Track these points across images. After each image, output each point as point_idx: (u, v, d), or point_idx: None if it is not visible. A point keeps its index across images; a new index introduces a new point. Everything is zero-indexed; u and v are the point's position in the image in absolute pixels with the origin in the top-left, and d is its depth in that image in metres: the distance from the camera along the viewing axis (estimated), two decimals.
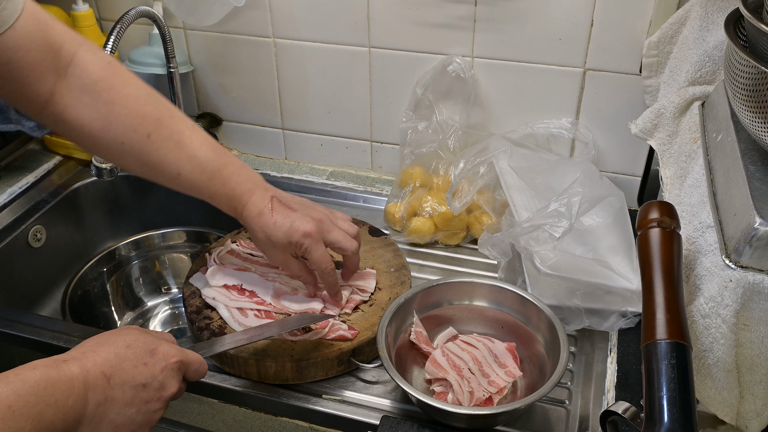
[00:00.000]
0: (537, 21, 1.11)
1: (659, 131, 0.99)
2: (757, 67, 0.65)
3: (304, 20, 1.23)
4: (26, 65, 0.75)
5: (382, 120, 1.30)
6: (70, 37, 0.80)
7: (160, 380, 0.70)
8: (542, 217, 0.93)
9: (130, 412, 0.67)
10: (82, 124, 0.80)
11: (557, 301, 0.93)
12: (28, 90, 0.77)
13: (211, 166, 0.85)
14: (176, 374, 0.72)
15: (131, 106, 0.80)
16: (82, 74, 0.79)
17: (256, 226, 0.87)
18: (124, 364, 0.68)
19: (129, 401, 0.67)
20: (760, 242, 0.64)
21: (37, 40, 0.75)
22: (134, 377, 0.68)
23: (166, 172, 0.83)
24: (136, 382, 0.68)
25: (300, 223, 0.87)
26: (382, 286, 1.01)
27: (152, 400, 0.69)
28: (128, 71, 0.84)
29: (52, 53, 0.77)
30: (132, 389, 0.67)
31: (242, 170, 0.88)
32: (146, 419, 0.69)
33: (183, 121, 0.85)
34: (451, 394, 0.84)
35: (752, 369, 0.71)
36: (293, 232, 0.86)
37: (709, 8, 0.94)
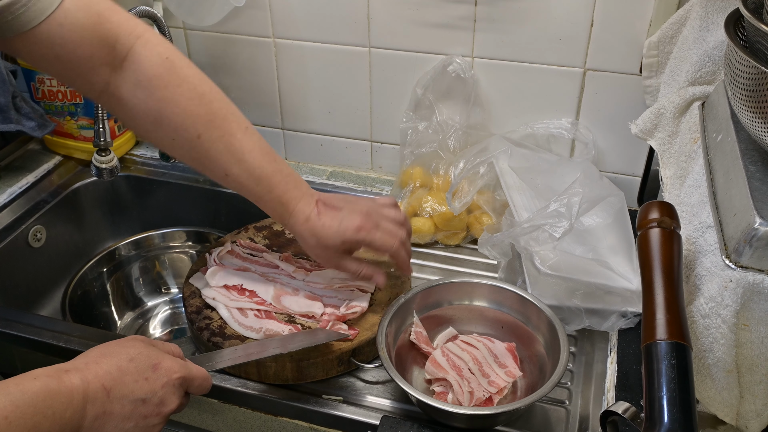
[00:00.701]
0: (537, 21, 1.11)
1: (659, 131, 0.99)
2: (757, 67, 0.65)
3: (304, 20, 1.23)
4: (77, 58, 0.75)
5: (382, 120, 1.30)
6: (127, 30, 0.78)
7: (161, 396, 0.70)
8: (542, 217, 0.93)
9: (128, 427, 0.67)
10: (136, 117, 0.81)
11: (557, 301, 0.93)
12: (82, 79, 0.78)
13: (258, 171, 0.85)
14: (177, 390, 0.72)
15: (183, 106, 0.80)
16: (137, 69, 0.78)
17: (306, 232, 0.87)
18: (125, 378, 0.68)
19: (127, 415, 0.67)
20: (760, 242, 0.64)
21: (88, 34, 0.74)
22: (134, 392, 0.68)
23: (215, 172, 0.84)
24: (136, 397, 0.68)
25: (349, 220, 0.87)
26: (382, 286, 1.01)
27: (151, 416, 0.69)
28: (188, 66, 0.82)
29: (106, 47, 0.77)
30: (131, 403, 0.67)
31: (290, 178, 0.88)
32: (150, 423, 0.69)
33: (237, 123, 0.84)
34: (451, 394, 0.84)
35: (752, 369, 0.71)
36: (344, 230, 0.87)
37: (709, 8, 0.94)
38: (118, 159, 1.22)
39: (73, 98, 1.33)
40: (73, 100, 1.33)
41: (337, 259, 0.90)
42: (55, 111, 1.35)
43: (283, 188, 0.86)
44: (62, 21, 0.72)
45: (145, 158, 1.44)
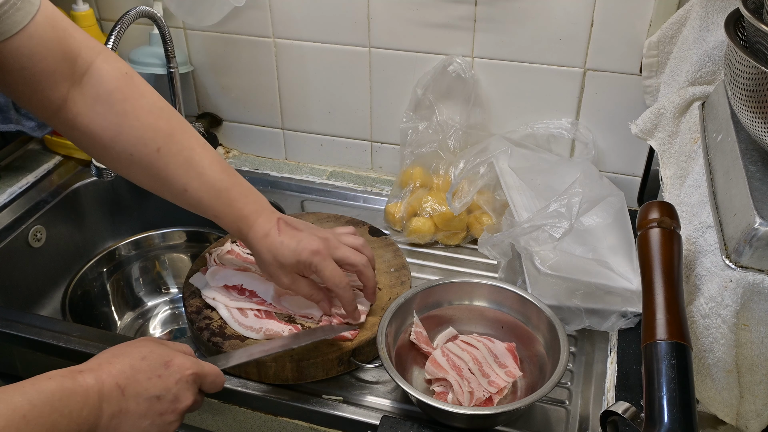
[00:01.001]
0: (537, 21, 1.11)
1: (659, 131, 0.99)
2: (757, 68, 0.65)
3: (304, 20, 1.23)
4: (41, 71, 0.75)
5: (382, 120, 1.30)
6: (89, 46, 0.79)
7: (175, 392, 0.70)
8: (542, 217, 0.93)
9: (145, 424, 0.68)
10: (93, 133, 0.80)
11: (557, 302, 0.93)
12: (41, 95, 0.77)
13: (218, 185, 0.85)
14: (191, 386, 0.72)
15: (143, 119, 0.80)
16: (97, 84, 0.79)
17: (263, 247, 0.87)
18: (139, 376, 0.68)
19: (143, 413, 0.68)
20: (760, 242, 0.64)
21: (53, 47, 0.75)
22: (148, 389, 0.68)
23: (173, 187, 0.83)
24: (150, 394, 0.68)
25: (307, 242, 0.86)
26: (382, 286, 1.01)
27: (167, 413, 0.70)
28: (145, 84, 0.83)
29: (68, 61, 0.77)
30: (146, 401, 0.68)
31: (250, 192, 0.88)
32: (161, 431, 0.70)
33: (195, 138, 0.85)
34: (451, 394, 0.84)
35: (752, 369, 0.71)
36: (301, 250, 0.85)
37: (709, 8, 0.94)
38: None
39: None
40: None
41: (290, 280, 0.88)
42: None
43: (243, 202, 0.86)
44: (32, 33, 0.73)
45: None
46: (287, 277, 0.88)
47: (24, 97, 0.77)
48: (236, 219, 0.86)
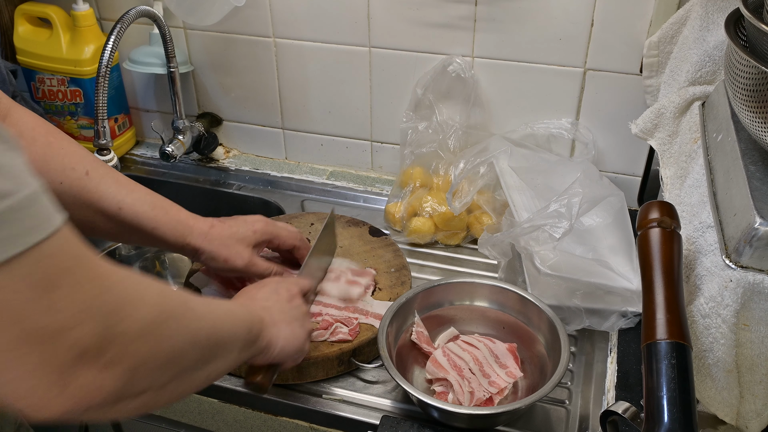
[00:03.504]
0: (537, 21, 1.11)
1: (659, 131, 0.99)
2: (757, 67, 0.65)
3: (304, 20, 1.23)
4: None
5: (383, 120, 1.30)
6: (6, 97, 0.81)
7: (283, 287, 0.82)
8: (542, 217, 0.93)
9: (286, 308, 0.79)
10: None
11: (557, 302, 0.93)
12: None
13: (150, 197, 0.86)
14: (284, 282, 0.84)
15: (68, 148, 0.81)
16: (19, 122, 0.80)
17: (213, 237, 0.89)
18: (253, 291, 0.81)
19: (276, 303, 0.78)
20: (760, 242, 0.64)
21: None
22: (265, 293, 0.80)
23: (108, 207, 0.83)
24: (269, 293, 0.80)
25: (251, 217, 0.94)
26: (382, 286, 1.01)
27: (291, 299, 0.81)
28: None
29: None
30: (270, 295, 0.79)
31: (174, 204, 0.90)
32: (300, 312, 0.81)
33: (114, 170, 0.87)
34: (452, 394, 0.84)
35: (752, 369, 0.71)
36: (252, 223, 0.93)
37: (709, 8, 0.94)
38: (119, 158, 1.22)
39: (73, 98, 1.33)
40: (74, 100, 1.33)
41: (249, 255, 0.92)
42: (55, 111, 1.35)
43: (177, 209, 0.89)
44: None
45: (145, 158, 1.44)
46: (246, 251, 0.92)
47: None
48: (176, 224, 0.88)
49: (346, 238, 1.12)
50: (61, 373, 0.43)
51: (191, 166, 1.41)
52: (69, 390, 0.44)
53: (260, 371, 0.77)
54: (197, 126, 1.36)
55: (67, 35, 1.29)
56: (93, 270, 0.46)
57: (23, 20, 1.31)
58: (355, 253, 1.08)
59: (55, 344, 0.43)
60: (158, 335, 0.50)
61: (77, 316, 0.44)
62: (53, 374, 0.43)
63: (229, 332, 0.63)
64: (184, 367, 0.54)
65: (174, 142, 1.32)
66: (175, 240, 0.88)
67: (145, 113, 1.46)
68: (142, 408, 0.51)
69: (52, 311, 0.43)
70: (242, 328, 0.67)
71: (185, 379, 0.56)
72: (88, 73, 1.30)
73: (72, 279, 0.44)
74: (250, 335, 0.68)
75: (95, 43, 1.29)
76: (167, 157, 1.31)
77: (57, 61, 1.30)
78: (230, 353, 0.64)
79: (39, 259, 0.42)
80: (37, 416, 0.44)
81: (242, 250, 0.91)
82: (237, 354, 0.66)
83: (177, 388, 0.55)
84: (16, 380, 0.42)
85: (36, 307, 0.42)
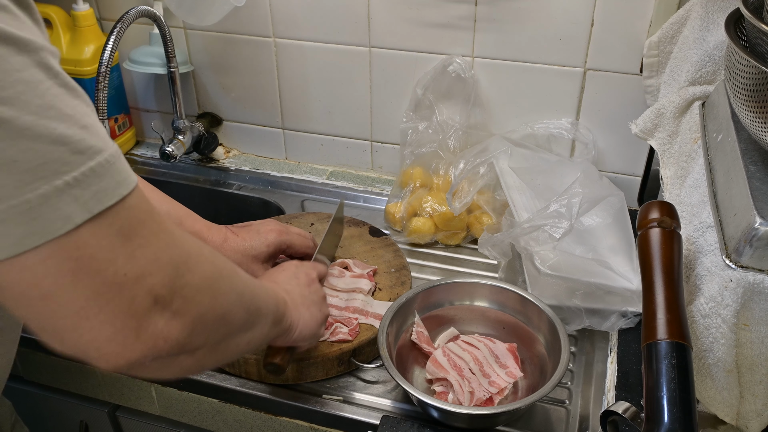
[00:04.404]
0: (537, 21, 1.11)
1: (659, 131, 0.99)
2: (757, 67, 0.65)
3: (305, 20, 1.23)
4: None
5: (383, 120, 1.30)
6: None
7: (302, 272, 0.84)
8: (542, 217, 0.93)
9: (306, 292, 0.80)
10: None
11: (557, 302, 0.93)
12: None
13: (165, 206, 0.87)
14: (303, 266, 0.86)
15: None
16: None
17: (227, 251, 0.90)
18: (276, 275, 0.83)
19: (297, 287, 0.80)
20: (760, 242, 0.64)
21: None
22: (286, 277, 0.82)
23: None
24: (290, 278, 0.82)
25: (265, 228, 0.94)
26: (382, 286, 1.01)
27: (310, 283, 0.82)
28: None
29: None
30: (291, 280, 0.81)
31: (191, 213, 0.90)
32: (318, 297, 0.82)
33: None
34: (452, 394, 0.84)
35: (752, 369, 0.71)
36: (265, 235, 0.93)
37: (709, 8, 0.94)
38: None
39: None
40: None
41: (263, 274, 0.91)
42: None
43: (192, 219, 0.89)
44: None
45: (145, 158, 1.44)
46: (261, 270, 0.92)
47: None
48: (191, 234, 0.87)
49: (346, 238, 1.12)
50: (139, 318, 0.46)
51: (191, 166, 1.41)
52: (144, 336, 0.46)
53: (279, 353, 0.79)
54: (197, 126, 1.36)
55: (67, 35, 1.29)
56: (162, 224, 0.49)
57: None
58: (355, 253, 1.08)
59: (134, 291, 0.45)
60: (216, 289, 0.53)
61: (153, 264, 0.47)
62: (132, 320, 0.45)
63: (265, 302, 0.66)
64: (232, 327, 0.57)
65: (174, 142, 1.32)
66: None
67: (145, 113, 1.46)
68: (195, 366, 0.53)
69: (132, 259, 0.45)
70: (273, 303, 0.69)
71: (231, 342, 0.58)
72: (88, 73, 1.30)
73: (147, 230, 0.47)
74: (278, 312, 0.70)
75: (95, 43, 1.29)
76: (167, 157, 1.31)
77: None
78: (265, 324, 0.66)
79: (121, 211, 0.45)
80: (112, 364, 0.46)
81: (257, 269, 0.91)
82: (269, 328, 0.68)
83: (225, 349, 0.57)
84: (97, 328, 0.44)
85: (118, 256, 0.44)
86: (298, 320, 0.76)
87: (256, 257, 0.91)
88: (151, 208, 0.49)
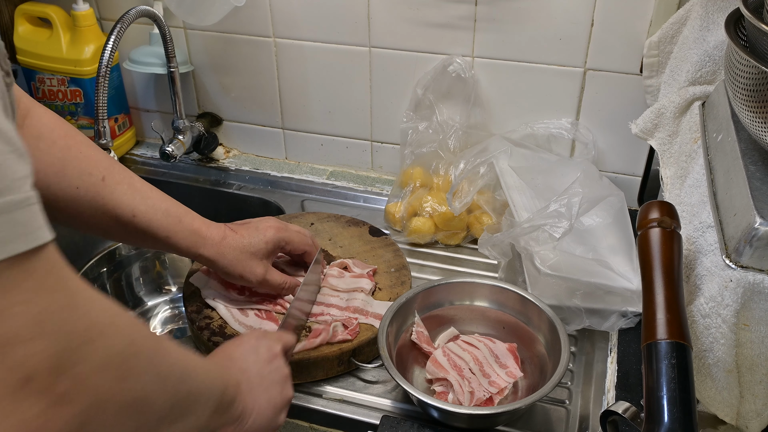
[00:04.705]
0: (537, 21, 1.11)
1: (659, 131, 0.99)
2: (757, 67, 0.65)
3: (305, 20, 1.23)
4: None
5: (383, 120, 1.30)
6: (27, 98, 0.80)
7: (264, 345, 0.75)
8: (542, 217, 0.93)
9: (266, 371, 0.72)
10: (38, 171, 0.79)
11: (557, 301, 0.93)
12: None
13: (164, 205, 0.86)
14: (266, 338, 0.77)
15: (86, 152, 0.81)
16: (39, 124, 0.79)
17: (225, 249, 0.89)
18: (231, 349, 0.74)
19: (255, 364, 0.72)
20: (760, 242, 0.64)
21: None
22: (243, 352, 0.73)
23: (122, 215, 0.83)
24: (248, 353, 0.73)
25: (264, 225, 0.93)
26: (382, 286, 1.01)
27: (271, 359, 0.74)
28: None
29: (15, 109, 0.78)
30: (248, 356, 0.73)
31: (190, 211, 0.89)
32: (280, 375, 0.74)
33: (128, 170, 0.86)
34: (452, 394, 0.84)
35: (752, 369, 0.71)
36: (264, 232, 0.92)
37: (709, 8, 0.94)
38: (119, 158, 1.22)
39: (73, 98, 1.33)
40: (74, 100, 1.33)
41: (263, 269, 0.91)
42: (55, 110, 1.34)
43: (191, 217, 0.88)
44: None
45: (145, 158, 1.44)
46: (260, 266, 0.91)
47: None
48: (189, 233, 0.87)
49: (346, 238, 1.12)
50: (2, 398, 0.35)
51: (191, 166, 1.41)
52: (8, 422, 0.36)
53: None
54: (197, 126, 1.36)
55: (67, 35, 1.29)
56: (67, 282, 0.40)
57: (23, 20, 1.31)
58: (355, 252, 1.08)
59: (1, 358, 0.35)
60: (125, 370, 0.43)
61: (33, 328, 0.37)
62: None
63: (203, 385, 0.56)
64: (148, 417, 0.47)
65: (174, 142, 1.32)
66: (188, 249, 0.88)
67: (145, 113, 1.46)
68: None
69: (5, 318, 0.36)
70: (217, 385, 0.60)
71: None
72: (88, 73, 1.30)
73: (37, 285, 0.38)
74: (224, 398, 0.62)
75: (95, 43, 1.29)
76: (167, 157, 1.31)
77: (57, 61, 1.30)
78: (202, 412, 0.56)
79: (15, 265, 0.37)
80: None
81: (256, 265, 0.91)
82: (209, 416, 0.58)
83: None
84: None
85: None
86: (252, 407, 0.68)
87: (255, 254, 0.91)
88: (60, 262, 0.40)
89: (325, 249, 1.09)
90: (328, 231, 1.14)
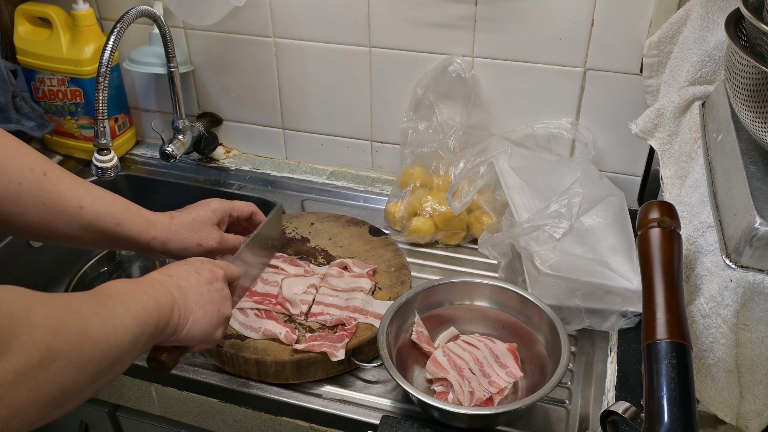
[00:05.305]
0: (537, 21, 1.11)
1: (660, 131, 0.99)
2: (757, 67, 0.65)
3: (305, 20, 1.23)
4: None
5: (383, 120, 1.30)
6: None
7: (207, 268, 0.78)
8: (542, 217, 0.93)
9: (204, 290, 0.75)
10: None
11: (557, 301, 0.93)
12: None
13: (108, 195, 0.86)
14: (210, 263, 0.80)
15: (23, 150, 0.81)
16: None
17: (177, 226, 0.90)
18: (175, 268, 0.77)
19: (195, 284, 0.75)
20: (760, 242, 0.64)
21: None
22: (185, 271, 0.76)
23: (68, 207, 0.82)
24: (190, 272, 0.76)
25: (206, 202, 0.94)
26: (382, 285, 1.01)
27: (212, 281, 0.77)
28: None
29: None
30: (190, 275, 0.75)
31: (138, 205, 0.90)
32: (219, 296, 0.77)
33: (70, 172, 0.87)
34: (452, 394, 0.84)
35: (752, 369, 0.71)
36: (209, 203, 0.94)
37: (709, 8, 0.94)
38: (119, 158, 1.22)
39: (73, 98, 1.33)
40: (74, 100, 1.33)
41: (217, 234, 0.93)
42: (55, 110, 1.35)
43: (136, 206, 0.89)
44: None
45: (145, 158, 1.44)
46: (214, 231, 0.92)
47: None
48: (138, 218, 0.87)
49: (346, 238, 1.12)
50: None
51: (191, 166, 1.41)
52: None
53: (165, 350, 0.74)
54: (197, 126, 1.36)
55: (67, 35, 1.29)
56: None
57: (23, 20, 1.31)
58: (354, 252, 1.08)
59: None
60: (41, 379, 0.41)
61: None
62: None
63: (131, 342, 0.60)
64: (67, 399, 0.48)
65: (174, 142, 1.32)
66: (140, 235, 0.87)
67: (145, 113, 1.46)
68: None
69: None
70: (149, 327, 0.64)
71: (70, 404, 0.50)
72: (88, 73, 1.30)
73: None
74: (157, 327, 0.66)
75: (95, 43, 1.29)
76: (167, 157, 1.31)
77: (57, 61, 1.30)
78: (130, 356, 0.61)
79: None
80: None
81: (210, 230, 0.92)
82: (140, 350, 0.63)
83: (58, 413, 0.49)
84: None
85: None
86: (186, 319, 0.72)
87: (205, 222, 0.92)
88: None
89: (325, 249, 1.10)
90: (328, 231, 1.14)
